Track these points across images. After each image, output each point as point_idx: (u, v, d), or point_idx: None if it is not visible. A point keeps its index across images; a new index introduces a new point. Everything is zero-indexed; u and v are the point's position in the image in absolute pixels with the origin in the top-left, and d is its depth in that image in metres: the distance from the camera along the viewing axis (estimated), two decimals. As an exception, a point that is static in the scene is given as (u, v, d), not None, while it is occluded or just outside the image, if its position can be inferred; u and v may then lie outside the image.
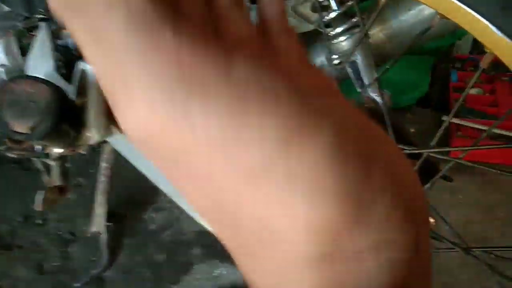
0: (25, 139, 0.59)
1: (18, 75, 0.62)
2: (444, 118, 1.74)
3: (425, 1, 0.48)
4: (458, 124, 1.72)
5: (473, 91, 1.93)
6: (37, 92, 0.60)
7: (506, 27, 0.44)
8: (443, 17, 0.48)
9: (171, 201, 1.70)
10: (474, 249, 0.67)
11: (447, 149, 0.53)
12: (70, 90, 0.66)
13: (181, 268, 1.44)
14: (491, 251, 0.70)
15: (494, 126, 0.53)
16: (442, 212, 0.73)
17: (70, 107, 0.64)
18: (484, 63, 0.49)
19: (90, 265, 1.48)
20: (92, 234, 1.49)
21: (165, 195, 1.73)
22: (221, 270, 1.41)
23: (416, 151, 0.67)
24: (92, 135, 0.73)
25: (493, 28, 0.45)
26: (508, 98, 1.79)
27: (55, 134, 0.62)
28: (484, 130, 1.58)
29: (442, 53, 1.93)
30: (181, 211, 1.66)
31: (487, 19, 0.44)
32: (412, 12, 0.89)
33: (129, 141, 0.21)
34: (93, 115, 0.70)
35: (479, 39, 0.45)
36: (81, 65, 0.70)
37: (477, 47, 2.20)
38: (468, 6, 0.44)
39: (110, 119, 0.73)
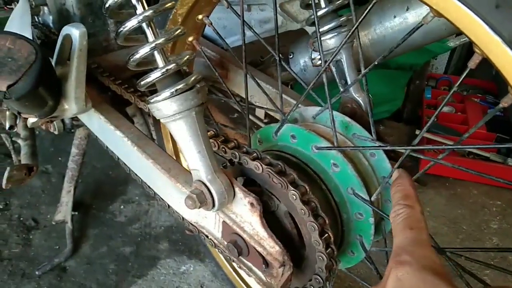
0: (1, 98, 0.56)
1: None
2: (418, 132, 1.79)
3: (419, -3, 0.49)
4: (429, 139, 1.77)
5: (445, 109, 2.00)
6: (18, 49, 0.57)
7: (499, 26, 0.43)
8: (436, 14, 0.49)
9: (140, 194, 1.67)
10: (446, 250, 0.68)
11: (428, 147, 0.55)
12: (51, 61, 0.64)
13: (148, 262, 1.41)
14: (461, 253, 0.72)
15: (461, 140, 0.54)
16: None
17: (50, 72, 0.62)
18: (472, 63, 0.49)
19: (52, 253, 1.43)
20: (56, 222, 1.44)
21: (134, 187, 1.70)
22: (188, 266, 1.39)
23: (397, 148, 0.68)
24: (69, 107, 0.70)
25: (486, 27, 0.44)
26: (478, 117, 1.86)
27: (32, 97, 0.60)
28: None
29: (417, 71, 1.99)
30: (150, 204, 1.64)
31: (480, 17, 0.44)
32: (397, 19, 0.92)
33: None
34: (73, 85, 0.68)
35: (471, 37, 0.46)
36: (65, 30, 0.68)
37: (451, 67, 2.29)
38: (462, 3, 0.45)
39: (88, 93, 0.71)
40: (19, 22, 0.89)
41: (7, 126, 1.11)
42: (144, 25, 0.58)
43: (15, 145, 1.14)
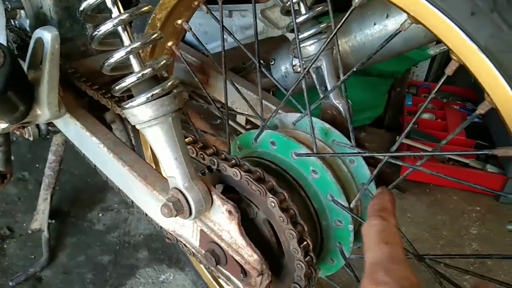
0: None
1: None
2: (403, 140, 1.80)
3: (397, 3, 0.49)
4: (409, 145, 1.79)
5: (425, 116, 2.03)
6: (-13, 54, 0.55)
7: (475, 34, 0.43)
8: (413, 21, 0.49)
9: (119, 201, 1.64)
10: (425, 257, 0.68)
11: (407, 153, 0.54)
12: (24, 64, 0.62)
13: (126, 271, 1.38)
14: (441, 260, 0.72)
15: (438, 147, 0.55)
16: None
17: (21, 76, 0.60)
18: (449, 70, 0.50)
19: (27, 263, 1.38)
20: (32, 231, 1.40)
21: (113, 194, 1.67)
22: (168, 275, 1.37)
23: (376, 155, 0.68)
24: (42, 113, 0.68)
25: (462, 34, 0.44)
26: (457, 124, 1.89)
27: (2, 103, 0.57)
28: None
29: (398, 78, 2.01)
30: (130, 212, 1.60)
31: (456, 24, 0.44)
32: (377, 26, 0.92)
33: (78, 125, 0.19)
34: (45, 90, 0.66)
35: (448, 44, 0.46)
36: (37, 33, 0.66)
37: (432, 75, 2.32)
38: (439, 10, 0.45)
39: (62, 98, 0.69)
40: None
41: (-20, 132, 1.07)
42: (119, 28, 0.56)
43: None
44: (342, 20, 0.60)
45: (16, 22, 1.16)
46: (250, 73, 1.18)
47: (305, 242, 0.62)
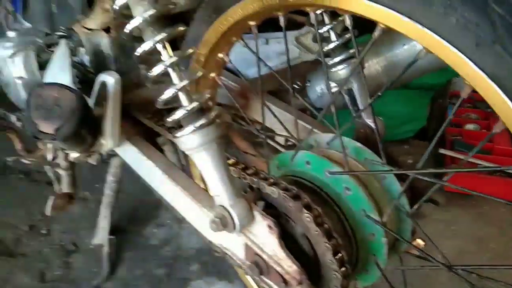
0: (49, 140, 0.66)
1: (45, 82, 0.68)
2: (442, 151, 1.80)
3: (411, 36, 0.55)
4: (453, 157, 1.78)
5: (470, 126, 2.00)
6: (63, 98, 0.67)
7: (481, 62, 0.49)
8: (428, 51, 0.55)
9: (172, 218, 1.75)
10: (456, 267, 0.71)
11: (432, 170, 0.57)
12: (89, 100, 0.73)
13: (179, 284, 1.47)
14: (472, 270, 0.74)
15: (472, 153, 0.58)
16: (437, 242, 0.78)
17: (89, 114, 0.71)
18: (464, 93, 0.54)
19: (90, 276, 1.51)
20: (94, 246, 1.53)
21: (166, 211, 1.78)
22: (219, 287, 1.44)
23: (403, 172, 0.73)
24: (106, 143, 0.79)
25: (470, 63, 0.50)
26: (502, 134, 1.85)
27: (75, 137, 0.69)
28: (477, 164, 1.63)
29: (440, 89, 2.01)
30: (181, 227, 1.71)
31: (464, 54, 0.49)
32: (406, 47, 0.97)
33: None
34: (109, 124, 0.77)
35: (458, 72, 0.51)
36: (101, 77, 0.77)
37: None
38: (448, 42, 0.50)
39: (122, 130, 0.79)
40: (60, 64, 0.99)
41: (50, 157, 1.22)
42: (169, 69, 0.66)
43: (56, 175, 1.24)
44: (365, 50, 0.66)
45: (77, 59, 1.31)
46: (287, 95, 1.26)
47: (340, 254, 0.67)
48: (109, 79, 0.76)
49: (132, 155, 0.94)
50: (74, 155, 0.83)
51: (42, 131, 0.67)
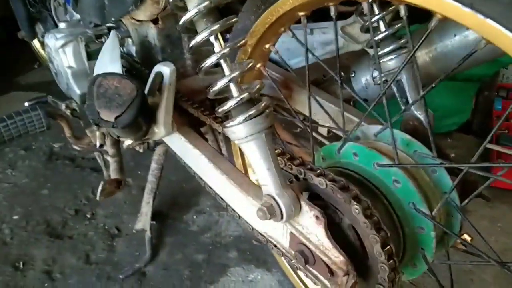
0: (110, 127, 0.69)
1: (107, 72, 0.71)
2: (489, 145, 1.74)
3: (471, 27, 0.53)
4: (499, 152, 1.71)
5: (519, 120, 1.92)
6: (123, 87, 0.69)
7: None
8: (488, 42, 0.53)
9: (211, 205, 1.79)
10: (509, 264, 0.70)
11: (486, 164, 0.55)
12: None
13: (218, 270, 1.50)
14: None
15: None
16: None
17: (146, 104, 0.73)
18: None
19: (133, 259, 1.57)
20: (137, 230, 1.59)
21: (206, 199, 1.82)
22: (256, 275, 1.47)
23: (456, 166, 0.71)
24: (159, 131, 0.82)
25: None
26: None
27: (133, 126, 0.72)
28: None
29: (486, 81, 1.93)
30: (221, 215, 1.74)
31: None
32: (457, 37, 0.94)
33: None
34: (163, 113, 0.79)
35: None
36: (157, 68, 0.80)
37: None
38: (510, 31, 0.48)
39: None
40: (110, 55, 1.03)
41: (98, 144, 1.26)
42: (221, 61, 0.67)
43: (105, 162, 1.29)
44: (421, 40, 0.64)
45: (124, 49, 1.35)
46: (331, 85, 1.25)
47: (388, 247, 0.67)
48: (165, 69, 0.78)
49: (179, 144, 0.97)
50: (127, 142, 0.87)
51: (103, 119, 0.70)
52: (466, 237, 0.80)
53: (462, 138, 1.96)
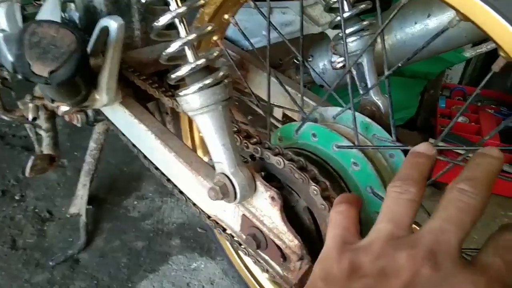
0: (42, 83, 0.58)
1: (44, 20, 0.61)
2: (431, 141, 1.79)
3: (449, 1, 0.51)
4: (442, 148, 1.77)
5: (459, 119, 2.01)
6: (61, 38, 0.59)
7: None
8: (463, 18, 0.51)
9: (154, 191, 1.70)
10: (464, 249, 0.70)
11: (447, 147, 0.54)
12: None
13: (159, 258, 1.43)
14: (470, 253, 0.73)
15: (475, 148, 0.56)
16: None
17: (87, 62, 0.64)
18: (496, 66, 0.51)
19: (65, 245, 1.45)
20: (71, 215, 1.47)
21: (148, 183, 1.72)
22: (200, 263, 1.41)
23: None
24: (100, 98, 0.73)
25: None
26: (491, 128, 1.86)
27: (69, 84, 0.62)
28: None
29: (432, 80, 2.00)
30: (164, 201, 1.66)
31: (507, 21, 0.46)
32: (418, 25, 0.93)
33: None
34: (106, 76, 0.70)
35: (497, 41, 0.48)
36: (103, 21, 0.70)
37: (466, 78, 2.29)
38: (490, 7, 0.46)
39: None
40: (49, 18, 0.91)
41: (30, 117, 1.14)
42: (176, 21, 0.60)
43: (37, 136, 1.17)
44: (389, 18, 0.62)
45: (66, 15, 1.22)
46: (287, 69, 1.21)
47: (344, 231, 0.64)
48: (112, 23, 0.69)
49: (123, 118, 0.88)
50: (64, 108, 0.76)
51: (35, 73, 0.59)
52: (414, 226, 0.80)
53: (407, 133, 2.01)
